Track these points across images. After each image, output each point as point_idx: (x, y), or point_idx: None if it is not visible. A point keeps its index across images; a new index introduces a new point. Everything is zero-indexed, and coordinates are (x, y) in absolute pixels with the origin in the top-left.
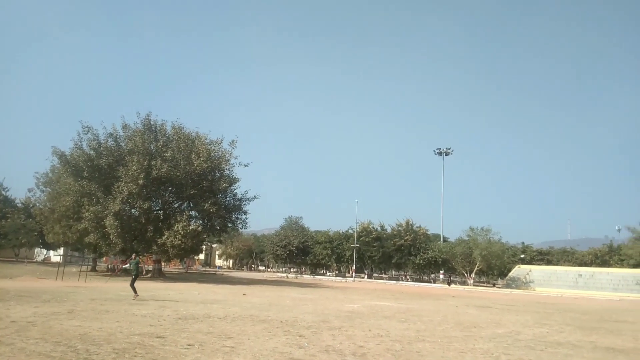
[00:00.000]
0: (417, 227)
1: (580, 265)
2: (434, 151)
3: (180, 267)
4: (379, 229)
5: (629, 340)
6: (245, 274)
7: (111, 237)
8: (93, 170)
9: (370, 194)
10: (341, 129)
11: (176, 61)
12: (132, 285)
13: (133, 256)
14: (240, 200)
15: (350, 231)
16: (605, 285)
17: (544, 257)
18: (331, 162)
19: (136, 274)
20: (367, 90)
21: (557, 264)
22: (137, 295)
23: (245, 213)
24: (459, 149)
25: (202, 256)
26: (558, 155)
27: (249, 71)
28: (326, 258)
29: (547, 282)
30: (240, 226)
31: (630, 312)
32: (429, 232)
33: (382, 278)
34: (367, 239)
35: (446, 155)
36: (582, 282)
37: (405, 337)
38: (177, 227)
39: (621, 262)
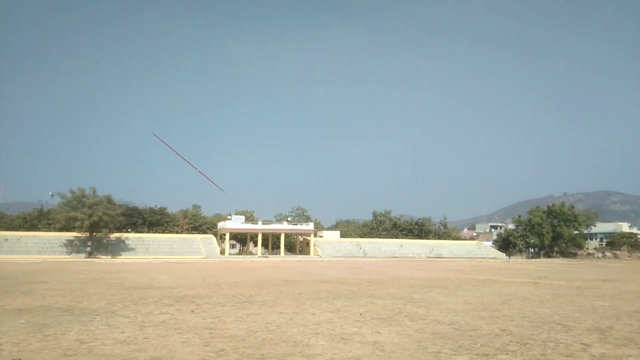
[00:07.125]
0: None
1: (9, 229)
2: None
3: None
4: None
5: (38, 299)
6: None
7: None
8: None
9: None
10: None
11: None
12: None
13: None
14: None
15: None
16: (31, 248)
17: None
18: None
19: None
20: None
21: None
22: None
23: None
24: None
25: None
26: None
27: None
28: None
29: None
30: None
31: (48, 273)
32: None
33: None
34: None
35: None
36: (8, 246)
37: None
38: None
39: (49, 226)
